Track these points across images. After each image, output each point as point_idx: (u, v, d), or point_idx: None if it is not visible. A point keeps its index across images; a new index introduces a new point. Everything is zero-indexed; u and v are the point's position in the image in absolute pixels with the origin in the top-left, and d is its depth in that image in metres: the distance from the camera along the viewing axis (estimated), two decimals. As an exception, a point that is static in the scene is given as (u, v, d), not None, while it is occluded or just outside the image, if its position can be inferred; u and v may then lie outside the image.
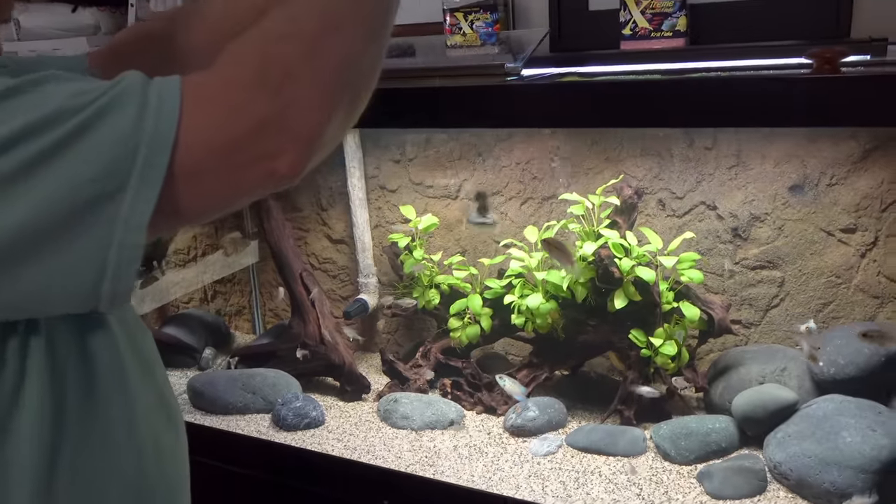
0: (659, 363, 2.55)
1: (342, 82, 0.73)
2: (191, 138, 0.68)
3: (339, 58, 0.73)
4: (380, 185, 3.11)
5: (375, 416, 2.83)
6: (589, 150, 2.80)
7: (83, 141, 0.65)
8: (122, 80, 0.69)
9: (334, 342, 2.92)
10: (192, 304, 3.51)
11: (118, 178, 0.66)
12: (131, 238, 0.68)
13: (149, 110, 0.67)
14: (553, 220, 2.78)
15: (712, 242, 2.70)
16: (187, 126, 0.68)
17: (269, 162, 0.70)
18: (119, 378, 0.92)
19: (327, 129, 0.73)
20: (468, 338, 2.83)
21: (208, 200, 0.73)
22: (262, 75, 0.69)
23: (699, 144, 2.64)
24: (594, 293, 2.63)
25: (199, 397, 2.96)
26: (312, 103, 0.71)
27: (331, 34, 0.72)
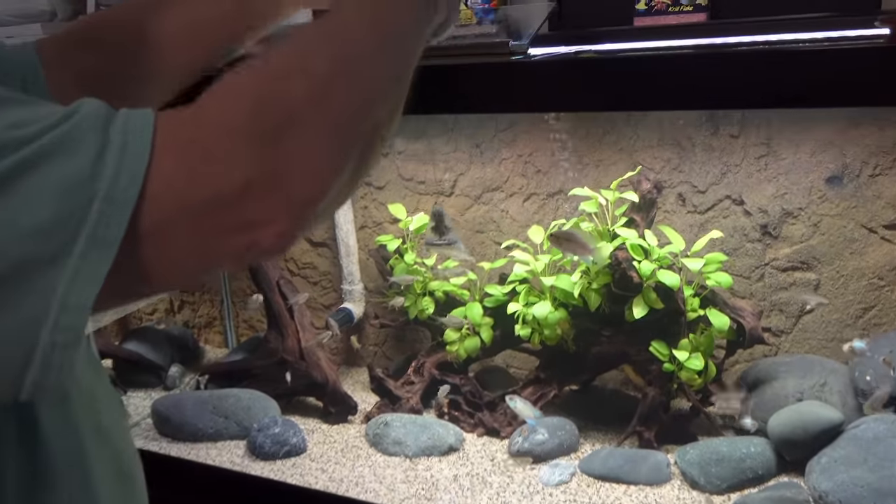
0: (684, 378, 2.26)
1: (353, 134, 0.64)
2: (161, 190, 0.57)
3: (354, 104, 0.64)
4: (365, 182, 2.80)
5: (364, 441, 2.52)
6: (600, 141, 2.51)
7: (19, 187, 0.53)
8: (78, 110, 0.57)
9: (316, 358, 2.60)
10: (157, 315, 3.17)
11: (62, 237, 0.54)
12: (71, 318, 0.55)
13: (110, 152, 0.55)
14: (561, 219, 2.49)
15: (739, 241, 2.42)
16: (158, 174, 0.56)
17: (254, 231, 0.59)
18: (70, 457, 0.78)
19: (330, 191, 0.63)
20: (467, 351, 2.53)
21: (173, 268, 0.60)
22: (259, 119, 0.59)
23: (724, 132, 2.36)
24: (609, 300, 2.34)
25: (165, 422, 2.64)
26: (315, 158, 0.61)
27: (346, 75, 0.63)
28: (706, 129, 2.38)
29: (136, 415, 2.79)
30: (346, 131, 0.63)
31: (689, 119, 2.39)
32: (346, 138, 0.63)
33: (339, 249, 2.79)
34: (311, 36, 0.66)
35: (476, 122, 2.61)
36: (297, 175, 0.60)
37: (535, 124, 2.55)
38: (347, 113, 0.63)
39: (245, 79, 0.62)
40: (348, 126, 0.63)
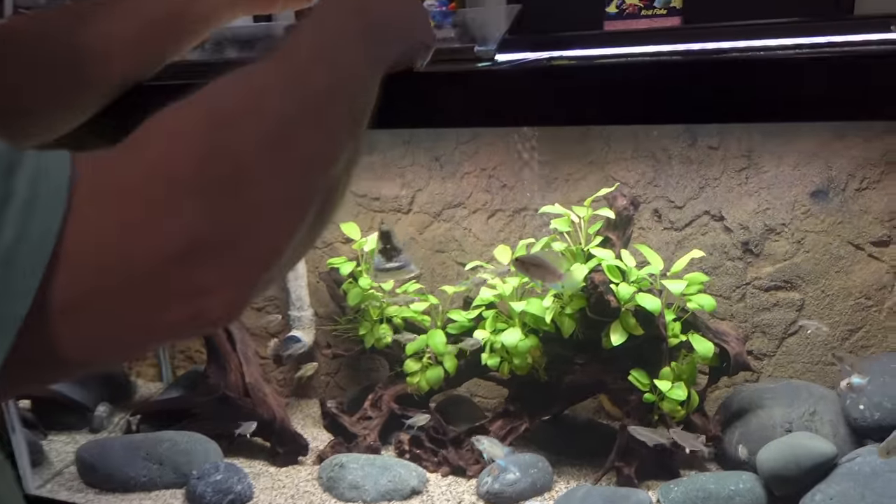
0: (666, 410, 2.09)
1: (312, 184, 0.57)
2: (81, 253, 0.46)
3: (313, 150, 0.57)
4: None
5: (316, 486, 2.28)
6: (569, 153, 2.33)
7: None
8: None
9: (262, 393, 2.35)
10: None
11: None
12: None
13: (12, 207, 0.44)
14: (529, 238, 2.30)
15: (718, 259, 2.27)
16: (77, 234, 0.45)
17: (198, 299, 0.50)
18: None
19: (286, 250, 0.54)
20: (429, 382, 2.31)
21: (100, 347, 0.49)
22: (207, 166, 0.49)
23: (702, 143, 2.21)
24: (583, 326, 2.16)
25: (91, 471, 2.36)
26: (270, 213, 0.52)
27: (305, 118, 0.56)
28: (683, 140, 2.22)
29: (59, 462, 2.49)
30: (305, 181, 0.56)
31: (664, 130, 2.23)
32: (304, 189, 0.56)
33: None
34: (266, 74, 0.58)
35: (435, 134, 2.40)
36: (250, 232, 0.52)
37: (500, 136, 2.36)
38: (306, 160, 0.56)
39: (190, 117, 0.53)
40: (307, 175, 0.56)
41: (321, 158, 0.59)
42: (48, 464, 2.48)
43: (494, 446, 2.06)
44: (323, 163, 0.59)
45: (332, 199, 0.65)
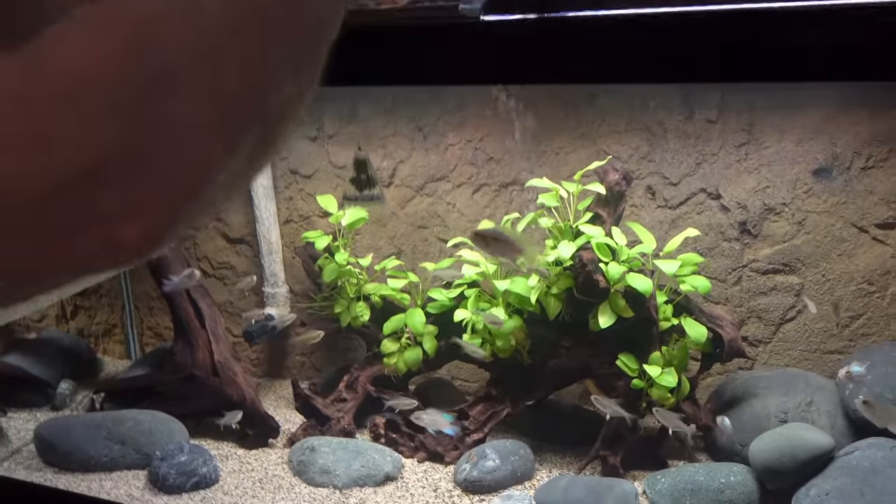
0: (655, 396, 1.98)
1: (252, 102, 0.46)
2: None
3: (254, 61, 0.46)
4: (290, 170, 2.43)
5: (286, 470, 2.17)
6: (560, 125, 2.21)
7: None
8: None
9: (231, 373, 2.24)
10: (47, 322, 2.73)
11: None
12: None
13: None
14: (514, 213, 2.18)
15: (714, 240, 2.16)
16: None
17: (111, 225, 0.43)
18: None
19: (217, 175, 0.46)
20: (407, 364, 2.19)
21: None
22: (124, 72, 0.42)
23: (700, 116, 2.09)
24: (570, 307, 2.04)
25: (50, 450, 2.25)
26: (199, 130, 0.44)
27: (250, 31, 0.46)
28: (680, 112, 2.10)
29: (18, 440, 2.37)
30: (243, 97, 0.46)
31: (660, 101, 2.11)
32: (242, 106, 0.46)
33: (260, 247, 2.42)
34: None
35: (418, 103, 2.27)
36: (174, 150, 0.44)
37: (486, 106, 2.23)
38: (245, 72, 0.46)
39: (104, 16, 0.44)
40: (246, 90, 0.46)
41: (263, 73, 0.50)
42: (6, 441, 2.37)
43: (436, 416, 1.96)
44: (264, 82, 0.51)
45: (277, 127, 0.56)
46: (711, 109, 2.07)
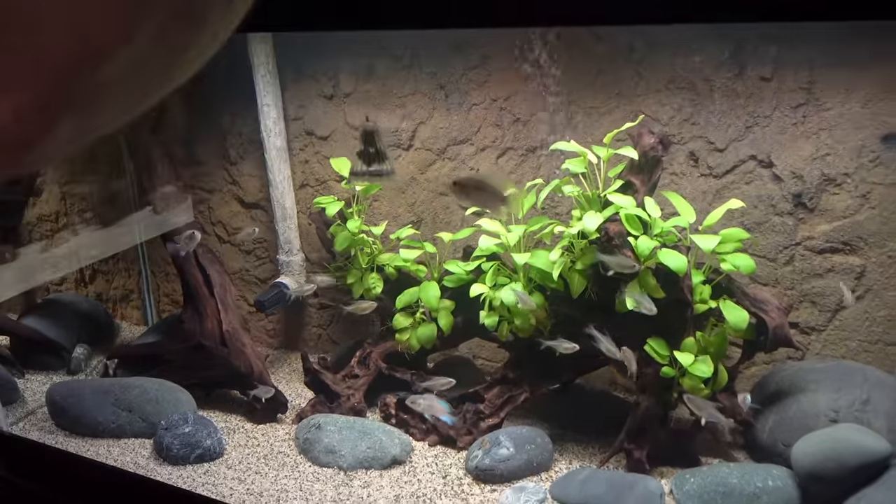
0: (686, 387, 1.78)
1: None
2: None
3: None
4: (306, 130, 2.30)
5: (292, 447, 2.07)
6: (593, 83, 2.00)
7: None
8: None
9: (240, 343, 2.14)
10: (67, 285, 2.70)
11: None
12: None
13: None
14: (539, 179, 1.99)
15: (764, 214, 1.92)
16: None
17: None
18: None
19: (113, 52, 0.34)
20: (420, 341, 2.05)
21: None
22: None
23: (752, 73, 1.84)
24: (596, 284, 1.85)
25: (61, 413, 2.22)
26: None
27: None
28: (729, 68, 1.86)
29: (33, 402, 2.35)
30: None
31: (707, 56, 1.87)
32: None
33: (274, 212, 2.31)
34: None
35: (439, 58, 2.09)
36: (54, 9, 0.30)
37: (513, 61, 2.03)
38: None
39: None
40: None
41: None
42: (23, 402, 2.35)
43: (433, 402, 1.82)
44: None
45: (199, 8, 0.40)
46: (765, 65, 1.82)
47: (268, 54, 2.13)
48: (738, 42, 1.83)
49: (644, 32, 1.91)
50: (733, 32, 1.83)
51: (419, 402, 1.81)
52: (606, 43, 1.94)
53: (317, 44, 2.15)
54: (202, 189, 2.41)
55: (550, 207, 2.13)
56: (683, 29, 1.86)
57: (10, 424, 2.29)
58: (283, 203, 2.28)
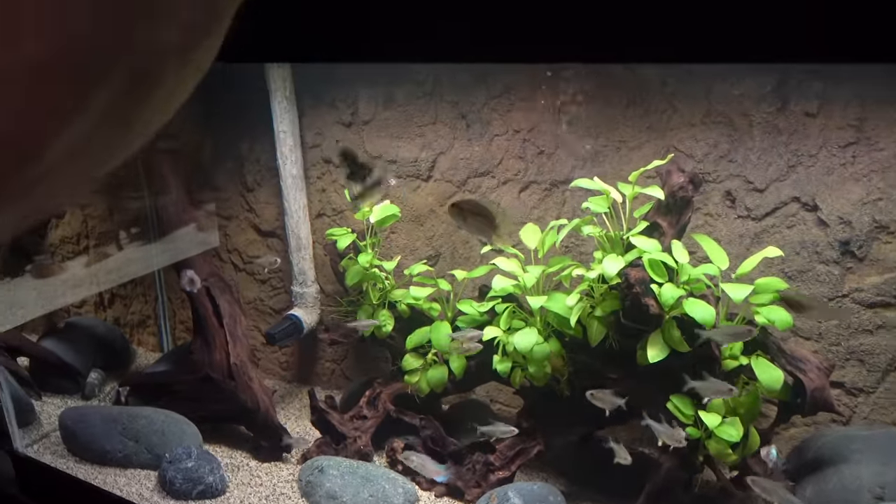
0: (712, 451, 1.62)
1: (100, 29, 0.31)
2: None
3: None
4: (323, 158, 2.23)
5: (295, 489, 1.99)
6: (624, 115, 1.86)
7: None
8: None
9: (247, 377, 2.07)
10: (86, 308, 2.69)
11: None
12: None
13: None
14: (562, 219, 1.86)
15: (807, 261, 1.74)
16: None
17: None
18: None
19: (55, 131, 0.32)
20: (430, 384, 1.94)
21: None
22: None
23: (796, 107, 1.68)
24: (617, 332, 1.71)
25: (72, 438, 2.20)
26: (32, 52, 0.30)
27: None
28: (770, 102, 1.70)
29: (48, 425, 2.33)
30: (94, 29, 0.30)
31: (746, 89, 1.72)
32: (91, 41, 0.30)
33: (288, 242, 2.24)
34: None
35: (462, 87, 1.99)
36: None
37: (538, 90, 1.92)
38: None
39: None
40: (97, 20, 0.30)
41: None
42: (38, 425, 2.34)
43: (425, 461, 1.70)
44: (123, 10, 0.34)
45: (152, 72, 0.38)
46: (810, 100, 1.66)
47: (285, 80, 2.08)
48: (781, 74, 1.68)
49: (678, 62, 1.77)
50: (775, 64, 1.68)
51: (412, 458, 1.71)
52: (637, 73, 1.81)
53: (335, 70, 2.09)
54: (219, 215, 2.37)
55: (574, 246, 2.00)
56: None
57: (26, 445, 2.28)
58: (298, 233, 2.21)
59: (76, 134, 0.34)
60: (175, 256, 2.21)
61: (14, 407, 2.23)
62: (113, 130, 0.37)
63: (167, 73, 0.39)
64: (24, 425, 2.32)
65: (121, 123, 0.38)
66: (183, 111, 0.40)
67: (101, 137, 0.37)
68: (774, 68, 1.68)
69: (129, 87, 0.36)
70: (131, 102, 0.37)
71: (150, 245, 2.33)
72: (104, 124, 0.36)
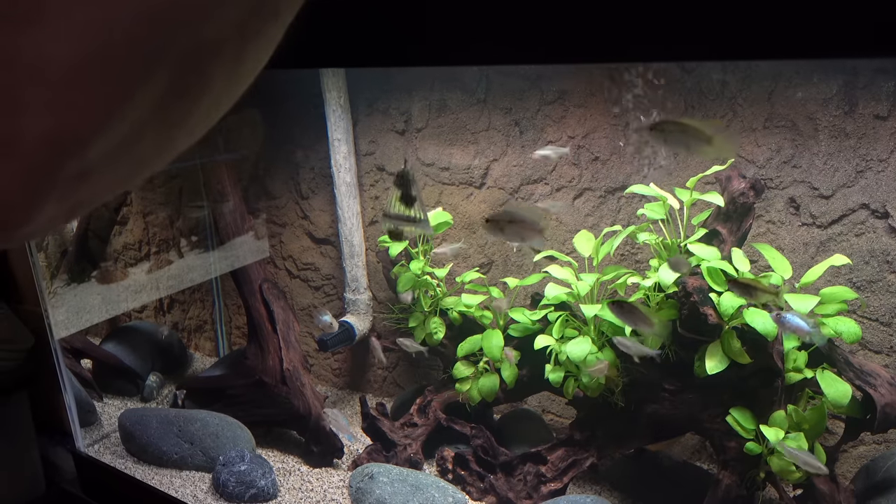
0: (775, 467, 1.55)
1: (145, 26, 0.30)
2: None
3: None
4: (377, 166, 2.24)
5: (345, 495, 1.98)
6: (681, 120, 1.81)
7: None
8: None
9: (299, 383, 2.08)
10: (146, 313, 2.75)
11: None
12: None
13: None
14: (617, 226, 1.82)
15: (877, 270, 1.67)
16: None
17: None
18: None
19: (97, 130, 0.31)
20: (482, 393, 1.92)
21: None
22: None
23: (865, 111, 1.61)
24: (675, 343, 1.66)
25: (130, 439, 2.24)
26: (63, 60, 0.30)
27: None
28: (837, 105, 1.64)
29: (109, 426, 2.39)
30: (133, 28, 0.29)
31: (811, 91, 1.66)
32: (130, 41, 0.29)
33: (342, 249, 2.25)
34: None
35: (515, 93, 1.98)
36: (33, 86, 0.28)
37: (593, 96, 1.89)
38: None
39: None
40: (135, 18, 0.29)
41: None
42: (99, 426, 2.40)
43: (339, 420, 1.76)
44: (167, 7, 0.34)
45: (198, 73, 0.38)
46: (880, 102, 1.59)
47: (339, 88, 2.10)
48: (849, 76, 1.61)
49: (738, 63, 1.72)
50: (842, 65, 1.61)
51: (327, 413, 1.77)
52: (696, 76, 1.77)
53: (389, 78, 2.10)
54: (274, 223, 2.40)
55: (630, 255, 1.95)
56: (784, 61, 1.66)
57: (87, 446, 2.34)
58: (352, 240, 2.22)
59: (120, 132, 0.34)
60: (233, 264, 2.24)
61: (77, 407, 2.30)
62: (158, 132, 0.37)
63: (215, 75, 0.38)
64: (85, 425, 2.38)
65: (167, 125, 0.37)
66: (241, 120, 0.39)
67: (147, 138, 0.36)
68: (841, 69, 1.62)
69: (175, 89, 0.35)
70: (177, 104, 0.37)
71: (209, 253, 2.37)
72: (150, 125, 0.35)
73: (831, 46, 0.90)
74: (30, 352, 2.41)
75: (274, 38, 0.41)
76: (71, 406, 2.29)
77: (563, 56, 1.30)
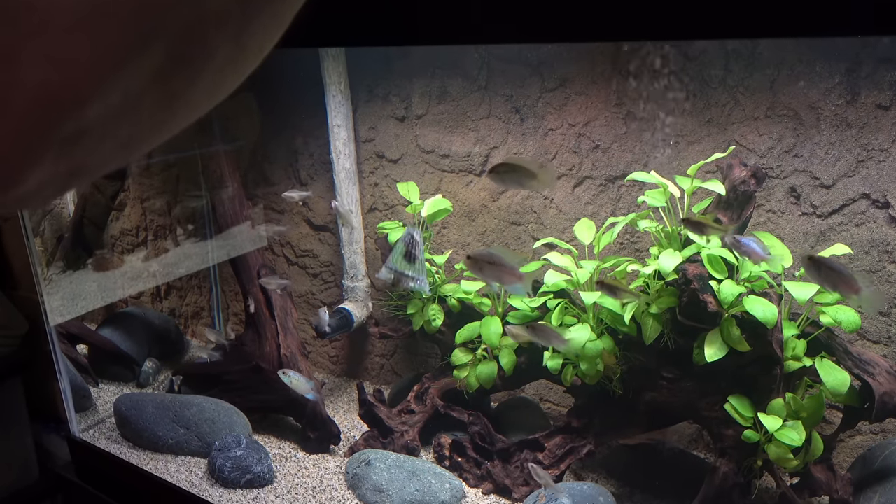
0: (772, 455, 1.55)
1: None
2: None
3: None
4: (376, 153, 2.23)
5: (341, 481, 1.98)
6: (682, 108, 1.81)
7: None
8: None
9: (297, 370, 2.07)
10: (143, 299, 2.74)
11: None
12: None
13: None
14: (619, 217, 1.82)
15: (877, 261, 1.67)
16: None
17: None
18: None
19: (91, 95, 0.31)
20: (479, 380, 1.92)
21: None
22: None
23: (867, 99, 1.61)
24: (674, 331, 1.66)
25: (125, 424, 2.24)
26: (64, 23, 0.30)
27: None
28: (839, 94, 1.63)
29: (104, 411, 2.39)
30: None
31: (813, 79, 1.66)
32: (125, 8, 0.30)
33: (340, 236, 2.24)
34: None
35: (516, 80, 1.97)
36: (33, 43, 0.29)
37: (594, 83, 1.88)
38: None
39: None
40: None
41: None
42: (94, 411, 2.40)
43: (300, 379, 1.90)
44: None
45: (197, 44, 0.38)
46: (883, 91, 1.59)
47: (340, 74, 2.09)
48: (851, 64, 1.61)
49: (741, 52, 1.72)
50: (845, 53, 1.61)
51: (289, 373, 1.79)
52: (697, 63, 1.76)
53: (389, 64, 2.09)
54: (273, 209, 2.39)
55: (630, 243, 1.95)
56: (787, 50, 1.66)
57: (82, 430, 2.34)
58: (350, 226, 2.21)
59: (118, 96, 0.34)
60: (231, 252, 2.24)
61: (72, 393, 2.29)
62: (158, 100, 0.37)
63: (218, 48, 0.38)
64: (80, 410, 2.38)
65: (167, 94, 0.37)
66: (240, 106, 0.38)
67: (146, 106, 0.36)
68: (843, 57, 1.61)
69: (175, 56, 0.35)
70: (179, 73, 0.36)
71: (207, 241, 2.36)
72: (149, 92, 0.36)
73: (832, 24, 0.90)
74: (24, 338, 2.40)
75: (282, 16, 0.41)
76: (66, 392, 2.28)
77: (562, 35, 1.30)
